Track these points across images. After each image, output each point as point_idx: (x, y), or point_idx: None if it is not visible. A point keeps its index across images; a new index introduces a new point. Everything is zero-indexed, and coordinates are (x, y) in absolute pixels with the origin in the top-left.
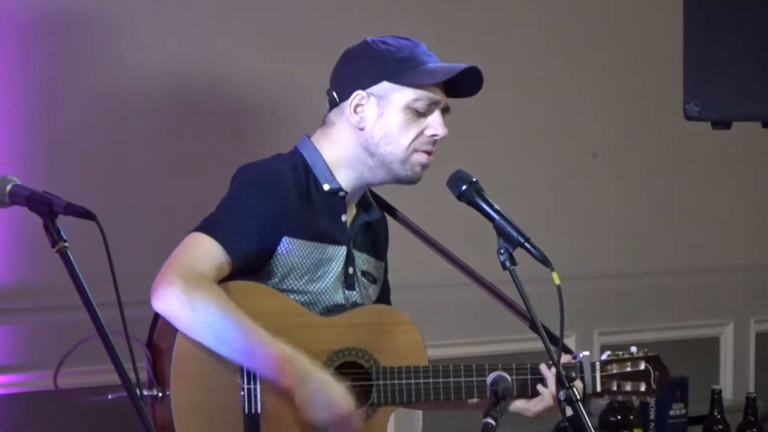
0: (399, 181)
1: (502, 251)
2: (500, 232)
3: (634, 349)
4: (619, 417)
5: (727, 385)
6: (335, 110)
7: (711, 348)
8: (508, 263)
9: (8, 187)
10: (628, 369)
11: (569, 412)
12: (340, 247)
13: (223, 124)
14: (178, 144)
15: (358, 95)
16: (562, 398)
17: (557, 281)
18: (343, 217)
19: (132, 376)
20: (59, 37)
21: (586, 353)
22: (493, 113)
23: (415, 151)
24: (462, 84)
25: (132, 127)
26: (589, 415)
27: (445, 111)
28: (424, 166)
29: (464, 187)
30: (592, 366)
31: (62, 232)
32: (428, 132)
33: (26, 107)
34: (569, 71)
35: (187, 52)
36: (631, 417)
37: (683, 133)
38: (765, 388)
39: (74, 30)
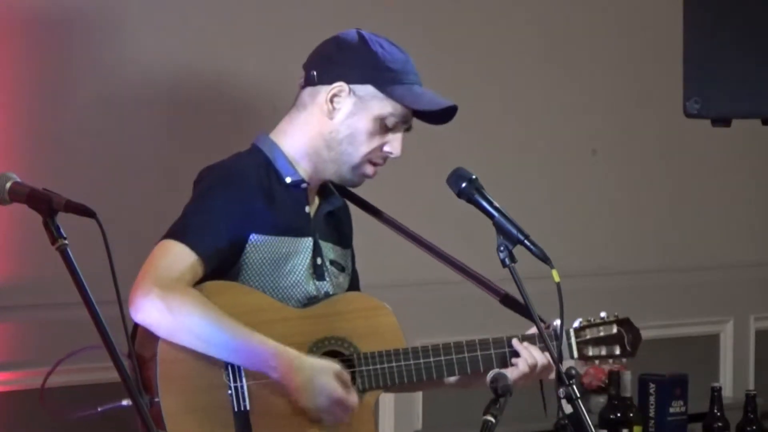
0: (342, 182)
1: (501, 248)
2: (500, 230)
3: (603, 314)
4: (618, 414)
5: (726, 382)
6: (309, 90)
7: (711, 345)
8: (507, 260)
9: (8, 185)
10: (602, 334)
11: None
12: (306, 239)
13: (223, 122)
14: (178, 142)
15: (339, 86)
16: (561, 395)
17: (557, 279)
18: (307, 209)
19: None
20: (59, 36)
21: (558, 322)
22: (493, 110)
23: (368, 162)
24: (434, 112)
25: (132, 125)
26: (588, 412)
27: (406, 130)
28: (368, 177)
29: (464, 185)
30: (567, 333)
31: (62, 230)
32: (386, 148)
33: (26, 105)
34: (569, 68)
35: (188, 51)
36: (631, 414)
37: (683, 131)
38: (765, 386)
39: (74, 29)
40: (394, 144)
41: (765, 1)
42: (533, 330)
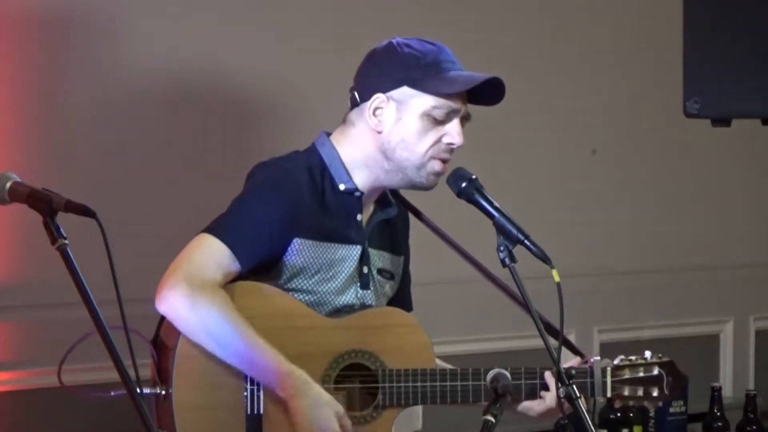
0: (414, 186)
1: (501, 248)
2: (500, 230)
3: (648, 354)
4: (618, 414)
5: (726, 382)
6: (356, 110)
7: (711, 345)
8: (507, 260)
9: (8, 185)
10: (641, 374)
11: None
12: (353, 247)
13: (222, 122)
14: (178, 141)
15: (378, 98)
16: (561, 395)
17: (557, 278)
18: (359, 217)
19: (132, 373)
20: (59, 36)
21: (597, 358)
22: (493, 110)
23: (432, 158)
24: (484, 92)
25: (132, 125)
26: (588, 412)
27: (465, 119)
28: (438, 175)
29: (464, 185)
30: (603, 371)
31: (62, 230)
32: (446, 140)
33: (26, 105)
34: (569, 68)
35: (188, 50)
36: (631, 414)
37: (683, 131)
38: (765, 386)
39: (74, 28)
40: (451, 134)
41: (765, 1)
42: (568, 364)
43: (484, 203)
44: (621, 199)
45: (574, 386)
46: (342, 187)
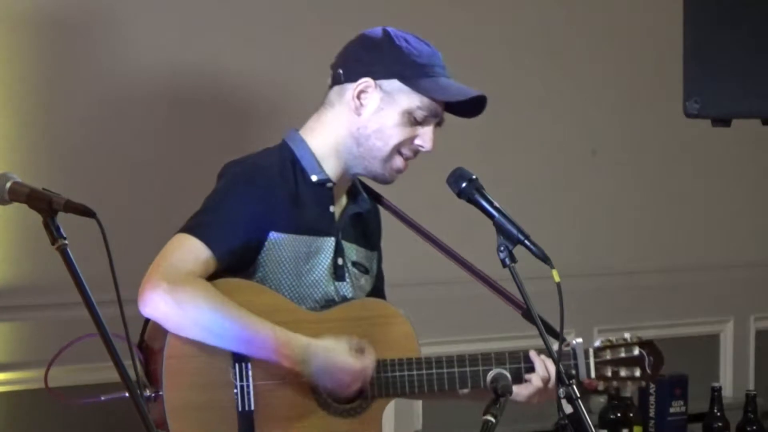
0: (374, 178)
1: (502, 249)
2: (500, 230)
3: (627, 335)
4: (618, 414)
5: (727, 382)
6: (337, 89)
7: (711, 345)
8: (508, 261)
9: (8, 185)
10: (622, 355)
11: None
12: (328, 239)
13: (222, 121)
14: (178, 141)
15: (365, 82)
16: (562, 395)
17: (557, 279)
18: (332, 208)
19: (131, 373)
20: (59, 36)
21: (579, 340)
22: (493, 110)
23: (399, 153)
24: (463, 104)
25: (131, 125)
26: (588, 412)
27: (438, 125)
28: (400, 171)
29: (464, 185)
30: (586, 352)
31: (62, 230)
32: (417, 141)
33: (26, 105)
34: (569, 68)
35: (188, 51)
36: (631, 414)
37: (683, 131)
38: (765, 386)
39: (74, 29)
40: (424, 138)
41: (765, 0)
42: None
43: (484, 203)
44: (621, 199)
45: (575, 386)
46: (314, 178)
